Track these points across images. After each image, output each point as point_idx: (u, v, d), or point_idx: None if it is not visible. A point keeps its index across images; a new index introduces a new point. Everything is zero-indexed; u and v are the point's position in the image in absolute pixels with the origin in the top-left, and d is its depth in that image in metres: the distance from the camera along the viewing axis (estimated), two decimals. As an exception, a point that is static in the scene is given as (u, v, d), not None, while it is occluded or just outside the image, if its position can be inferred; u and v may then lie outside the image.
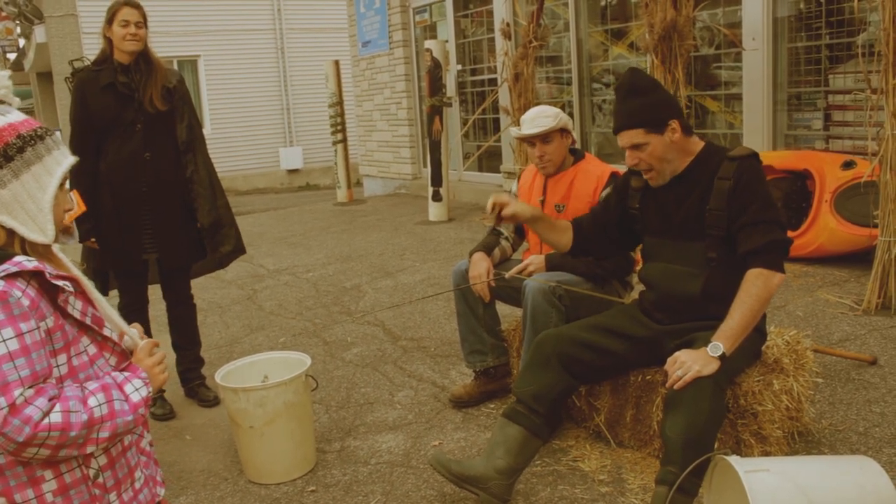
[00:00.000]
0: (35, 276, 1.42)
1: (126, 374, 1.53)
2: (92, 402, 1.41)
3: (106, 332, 1.56)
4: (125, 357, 1.60)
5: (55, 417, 1.35)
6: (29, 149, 1.47)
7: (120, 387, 1.48)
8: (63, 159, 1.53)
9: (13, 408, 1.32)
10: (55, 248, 1.53)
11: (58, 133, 1.63)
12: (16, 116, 1.50)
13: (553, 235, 2.85)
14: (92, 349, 1.52)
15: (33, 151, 1.48)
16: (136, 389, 1.50)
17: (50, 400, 1.36)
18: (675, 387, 2.28)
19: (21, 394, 1.33)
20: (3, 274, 1.37)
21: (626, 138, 2.52)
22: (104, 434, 1.42)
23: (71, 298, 1.47)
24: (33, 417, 1.33)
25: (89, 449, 1.42)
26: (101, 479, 1.49)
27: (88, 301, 1.53)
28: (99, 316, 1.55)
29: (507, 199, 2.76)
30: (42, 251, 1.49)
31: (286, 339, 4.63)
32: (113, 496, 1.51)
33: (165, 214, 3.55)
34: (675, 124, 2.49)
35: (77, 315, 1.48)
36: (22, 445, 1.34)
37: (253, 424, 2.91)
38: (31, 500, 1.42)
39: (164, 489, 1.70)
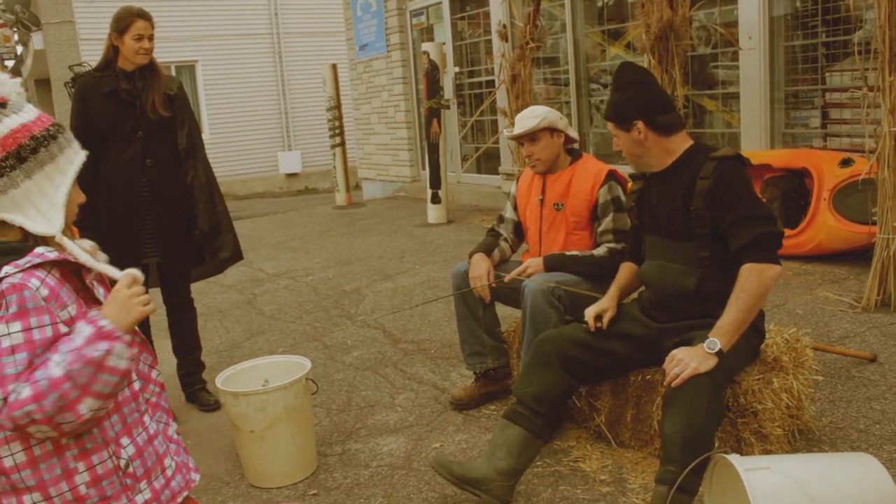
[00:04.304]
0: (58, 266, 1.44)
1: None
2: (51, 364, 1.35)
3: None
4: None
5: (24, 391, 1.32)
6: (42, 150, 1.47)
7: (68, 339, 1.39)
8: (75, 157, 1.55)
9: (5, 402, 1.33)
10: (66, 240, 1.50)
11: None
12: (27, 115, 1.49)
13: (634, 285, 2.89)
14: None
15: (46, 152, 1.48)
16: (84, 327, 1.39)
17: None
18: (673, 384, 2.29)
19: (14, 389, 1.34)
20: (27, 265, 1.38)
21: (609, 126, 2.71)
22: (83, 380, 1.34)
23: (95, 283, 1.50)
24: (8, 401, 1.33)
25: (84, 405, 1.34)
26: (131, 469, 1.50)
27: (110, 290, 1.53)
28: None
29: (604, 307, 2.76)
30: (56, 246, 1.48)
31: (286, 343, 4.63)
32: (143, 485, 1.52)
33: (167, 220, 3.56)
34: (640, 125, 2.57)
35: (103, 300, 1.49)
36: (15, 429, 1.35)
37: (254, 428, 2.91)
38: (65, 492, 1.43)
39: (199, 475, 1.70)
